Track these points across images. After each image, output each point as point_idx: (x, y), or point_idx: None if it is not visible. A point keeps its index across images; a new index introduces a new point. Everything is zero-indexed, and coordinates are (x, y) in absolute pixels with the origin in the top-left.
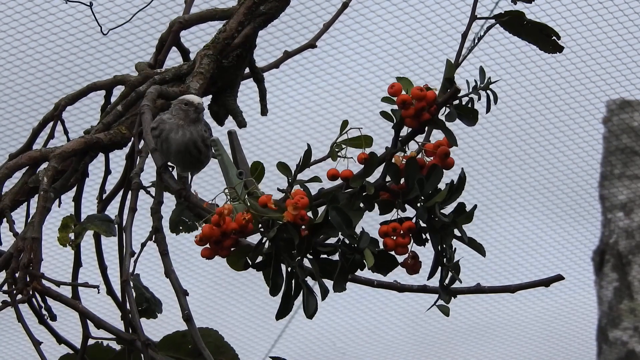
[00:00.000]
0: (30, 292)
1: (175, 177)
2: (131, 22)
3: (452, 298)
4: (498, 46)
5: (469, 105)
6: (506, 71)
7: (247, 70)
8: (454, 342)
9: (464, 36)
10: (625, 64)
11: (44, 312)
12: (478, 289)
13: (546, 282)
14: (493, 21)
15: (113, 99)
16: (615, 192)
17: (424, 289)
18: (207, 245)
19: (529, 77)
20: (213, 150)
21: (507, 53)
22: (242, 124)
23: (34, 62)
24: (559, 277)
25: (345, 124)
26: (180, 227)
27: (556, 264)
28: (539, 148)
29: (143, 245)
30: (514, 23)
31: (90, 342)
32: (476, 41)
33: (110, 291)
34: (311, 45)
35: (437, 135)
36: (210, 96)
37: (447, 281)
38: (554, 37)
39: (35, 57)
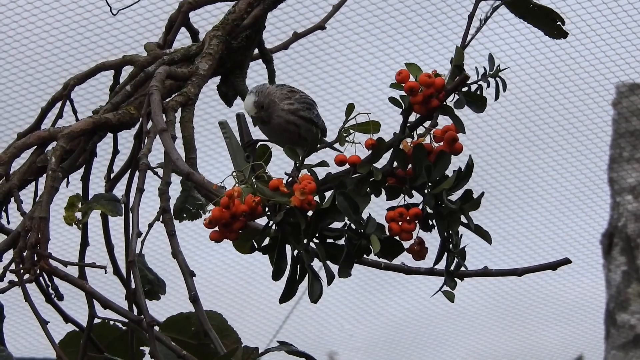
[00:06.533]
0: (38, 272)
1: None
2: (140, 3)
3: (460, 281)
4: (507, 26)
5: (478, 92)
6: (516, 52)
7: (256, 51)
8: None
9: (471, 17)
10: (635, 46)
11: (51, 291)
12: (485, 272)
13: (554, 266)
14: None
15: (122, 79)
16: (624, 175)
17: (431, 272)
18: (216, 228)
19: (539, 59)
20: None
21: (517, 33)
22: None
23: (43, 41)
24: (567, 261)
25: (351, 107)
26: (184, 215)
27: (564, 247)
28: (548, 130)
29: (150, 225)
30: (520, 5)
31: (97, 320)
32: (482, 22)
33: (117, 271)
34: (320, 26)
35: (443, 122)
36: (219, 77)
37: (452, 267)
38: (559, 23)
39: (44, 36)
